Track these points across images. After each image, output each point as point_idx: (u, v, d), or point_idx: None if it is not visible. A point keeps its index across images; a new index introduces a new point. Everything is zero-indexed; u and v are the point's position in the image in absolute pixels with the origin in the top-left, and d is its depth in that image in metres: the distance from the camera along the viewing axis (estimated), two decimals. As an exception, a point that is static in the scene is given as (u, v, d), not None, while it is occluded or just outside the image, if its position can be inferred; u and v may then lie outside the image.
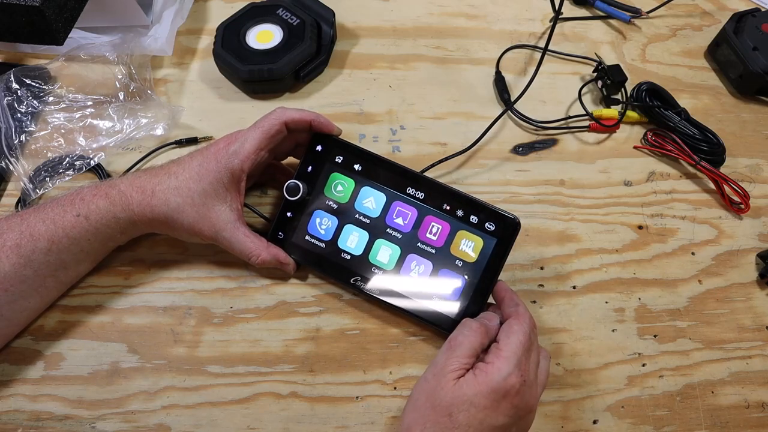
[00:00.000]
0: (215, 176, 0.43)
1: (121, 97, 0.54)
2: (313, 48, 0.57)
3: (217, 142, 0.45)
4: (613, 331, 0.48)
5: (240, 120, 0.56)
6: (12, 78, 0.53)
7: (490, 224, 0.44)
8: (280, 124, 0.44)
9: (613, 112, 0.58)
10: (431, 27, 0.64)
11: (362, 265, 0.45)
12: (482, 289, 0.44)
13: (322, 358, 0.45)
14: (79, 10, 0.50)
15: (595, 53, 0.62)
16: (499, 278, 0.43)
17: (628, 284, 0.50)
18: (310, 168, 0.47)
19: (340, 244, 0.46)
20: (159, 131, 0.54)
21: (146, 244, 0.49)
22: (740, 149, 0.58)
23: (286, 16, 0.58)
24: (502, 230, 0.44)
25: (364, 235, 0.45)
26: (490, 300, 0.44)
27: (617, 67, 0.59)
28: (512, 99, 0.58)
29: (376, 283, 0.45)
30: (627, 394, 0.45)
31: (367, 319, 0.47)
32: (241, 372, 0.44)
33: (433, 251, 0.45)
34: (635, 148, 0.57)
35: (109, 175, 0.51)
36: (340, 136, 0.47)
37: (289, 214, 0.47)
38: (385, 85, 0.59)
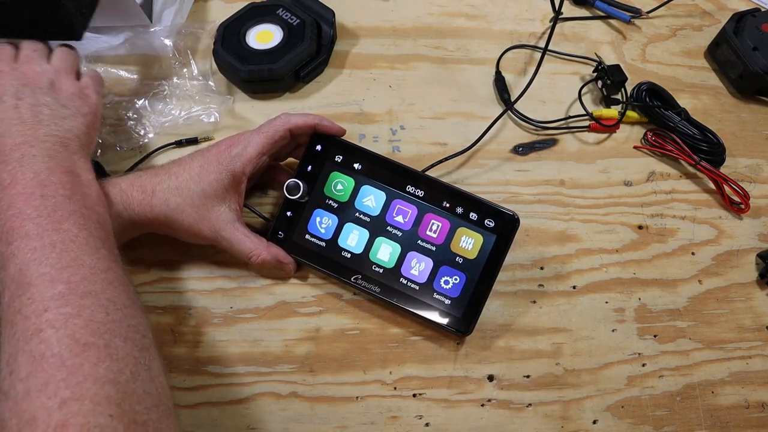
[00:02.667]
0: (216, 178, 0.43)
1: (167, 85, 0.56)
2: (313, 48, 0.57)
3: (219, 144, 0.45)
4: (613, 331, 0.48)
5: (240, 120, 0.56)
6: None
7: (490, 221, 0.44)
8: (284, 131, 0.44)
9: (613, 112, 0.57)
10: (431, 27, 0.64)
11: (363, 263, 0.45)
12: (483, 286, 0.44)
13: (322, 358, 0.45)
14: (93, 7, 0.50)
15: (595, 53, 0.62)
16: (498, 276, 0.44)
17: (628, 284, 0.50)
18: (309, 167, 0.47)
19: (341, 242, 0.46)
20: (211, 119, 0.54)
21: (146, 244, 0.48)
22: (740, 149, 0.58)
23: (286, 16, 0.58)
24: (501, 227, 0.44)
25: (365, 234, 0.45)
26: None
27: (617, 67, 0.59)
28: (512, 99, 0.58)
29: (377, 281, 0.45)
30: (627, 394, 0.45)
31: (367, 319, 0.47)
32: (241, 372, 0.44)
33: (434, 248, 0.45)
34: (635, 148, 0.57)
35: (108, 175, 0.51)
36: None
37: (289, 213, 0.47)
38: (385, 85, 0.59)
